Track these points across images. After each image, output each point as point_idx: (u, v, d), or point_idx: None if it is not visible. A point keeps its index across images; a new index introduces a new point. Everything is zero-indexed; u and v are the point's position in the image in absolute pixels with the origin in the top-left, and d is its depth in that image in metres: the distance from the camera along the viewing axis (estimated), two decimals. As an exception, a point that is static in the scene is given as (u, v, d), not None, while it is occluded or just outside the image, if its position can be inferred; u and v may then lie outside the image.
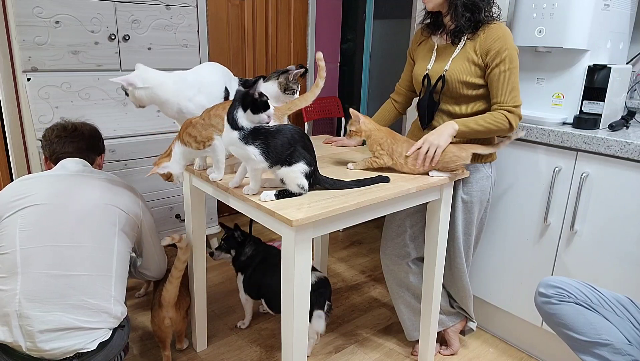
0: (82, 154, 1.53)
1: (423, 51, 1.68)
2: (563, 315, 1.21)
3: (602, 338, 1.16)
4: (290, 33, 3.21)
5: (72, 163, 1.48)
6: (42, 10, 1.91)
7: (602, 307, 1.20)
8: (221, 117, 1.31)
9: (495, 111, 1.51)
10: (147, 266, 1.68)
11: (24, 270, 1.23)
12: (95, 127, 1.65)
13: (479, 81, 1.53)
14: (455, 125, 1.49)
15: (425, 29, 1.68)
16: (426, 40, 1.68)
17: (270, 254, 1.94)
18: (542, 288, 1.26)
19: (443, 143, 1.46)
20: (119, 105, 2.15)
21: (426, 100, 1.60)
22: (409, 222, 1.74)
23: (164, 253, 1.74)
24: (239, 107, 1.19)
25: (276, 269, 1.84)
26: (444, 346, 1.93)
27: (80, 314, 1.25)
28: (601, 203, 1.59)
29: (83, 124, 1.60)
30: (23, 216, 1.28)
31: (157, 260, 1.69)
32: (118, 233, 1.39)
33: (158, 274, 1.73)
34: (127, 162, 2.13)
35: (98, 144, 1.63)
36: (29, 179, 1.37)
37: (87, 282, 1.28)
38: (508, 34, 1.49)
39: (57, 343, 1.22)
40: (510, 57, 1.47)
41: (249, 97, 1.18)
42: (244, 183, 1.32)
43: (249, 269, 1.92)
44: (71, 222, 1.30)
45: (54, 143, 1.51)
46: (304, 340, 1.29)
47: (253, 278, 1.91)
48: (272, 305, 1.88)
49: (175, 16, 2.29)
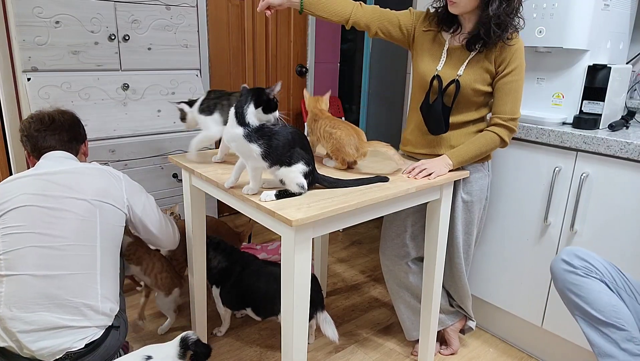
0: (64, 147, 1.48)
1: (429, 44, 1.58)
2: (587, 289, 1.18)
3: (619, 323, 1.14)
4: (290, 33, 3.21)
5: (54, 158, 1.44)
6: (42, 10, 1.91)
7: (624, 292, 1.18)
8: None
9: (486, 132, 1.53)
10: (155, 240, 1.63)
11: (8, 273, 1.23)
12: (73, 113, 1.57)
13: (489, 89, 1.53)
14: (449, 160, 1.52)
15: (435, 19, 1.57)
16: (435, 33, 1.58)
17: (248, 262, 1.88)
18: (567, 256, 1.22)
19: (440, 172, 1.49)
20: (119, 105, 2.15)
21: (440, 104, 1.54)
22: (409, 222, 1.74)
23: (168, 220, 1.68)
24: (251, 103, 1.19)
25: (259, 275, 1.84)
26: (444, 346, 1.93)
27: (65, 313, 1.25)
28: (601, 203, 1.59)
29: (60, 114, 1.53)
30: (6, 221, 1.27)
31: (164, 229, 1.63)
32: (100, 227, 1.35)
33: (171, 243, 1.69)
34: (127, 162, 2.13)
35: (79, 132, 1.56)
36: (9, 181, 1.35)
37: (72, 281, 1.27)
38: (523, 47, 1.48)
39: (43, 342, 1.22)
40: (520, 70, 1.48)
41: (264, 96, 1.18)
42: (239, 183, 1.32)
43: (228, 282, 1.85)
44: (52, 222, 1.29)
45: (34, 137, 1.45)
46: (304, 340, 1.29)
47: (235, 290, 1.85)
48: (260, 310, 1.84)
49: (175, 16, 2.29)
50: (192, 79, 2.41)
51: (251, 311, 1.87)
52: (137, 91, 2.21)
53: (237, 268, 1.86)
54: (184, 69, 2.39)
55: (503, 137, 1.52)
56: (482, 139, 1.53)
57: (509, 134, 1.52)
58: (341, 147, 1.48)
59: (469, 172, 1.60)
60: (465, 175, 1.58)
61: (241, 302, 1.87)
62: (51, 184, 1.34)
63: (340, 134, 1.47)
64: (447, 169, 1.52)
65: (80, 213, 1.33)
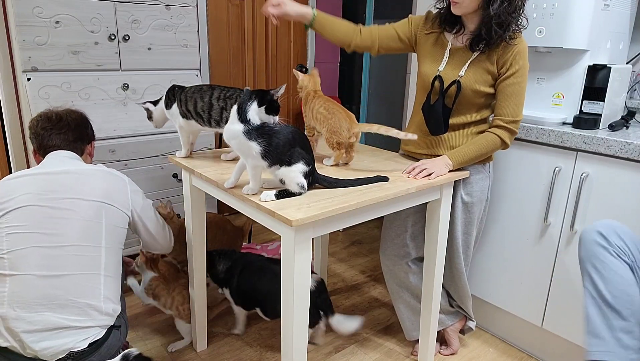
0: (69, 146, 1.48)
1: (432, 46, 1.59)
2: (612, 270, 1.13)
3: (626, 313, 1.10)
4: (290, 33, 3.21)
5: (59, 157, 1.44)
6: (42, 10, 1.91)
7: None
8: None
9: (487, 133, 1.53)
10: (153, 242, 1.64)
11: (12, 273, 1.23)
12: (81, 113, 1.57)
13: (491, 90, 1.52)
14: (449, 161, 1.52)
15: (438, 20, 1.57)
16: (437, 34, 1.59)
17: (250, 261, 1.89)
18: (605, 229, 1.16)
19: (440, 172, 1.49)
20: (119, 105, 2.15)
21: (441, 105, 1.54)
22: (409, 222, 1.74)
23: (165, 224, 1.69)
24: (255, 101, 1.19)
25: (263, 274, 1.84)
26: (444, 346, 1.93)
27: (68, 313, 1.25)
28: (601, 203, 1.59)
29: (68, 113, 1.53)
30: (9, 220, 1.27)
31: (162, 232, 1.64)
32: (105, 228, 1.36)
33: (167, 246, 1.70)
34: (127, 162, 2.13)
35: (86, 132, 1.56)
36: (13, 178, 1.34)
37: (75, 281, 1.27)
38: (526, 48, 1.48)
39: (47, 342, 1.22)
40: (523, 71, 1.47)
41: (268, 96, 1.19)
42: (239, 183, 1.32)
43: (233, 281, 1.87)
44: (56, 222, 1.29)
45: (40, 136, 1.46)
46: (304, 340, 1.29)
47: (241, 288, 1.86)
48: (268, 311, 1.84)
49: (175, 16, 2.29)
50: (192, 79, 2.41)
51: (260, 312, 1.87)
52: (137, 91, 2.21)
53: (237, 268, 1.87)
54: (184, 69, 2.39)
55: (504, 139, 1.52)
56: (482, 140, 1.53)
57: (510, 136, 1.52)
58: (334, 129, 1.52)
59: (470, 173, 1.60)
60: (465, 175, 1.58)
61: (251, 302, 1.88)
62: (56, 185, 1.34)
63: (331, 117, 1.53)
64: (447, 170, 1.52)
65: (85, 214, 1.33)
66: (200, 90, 1.54)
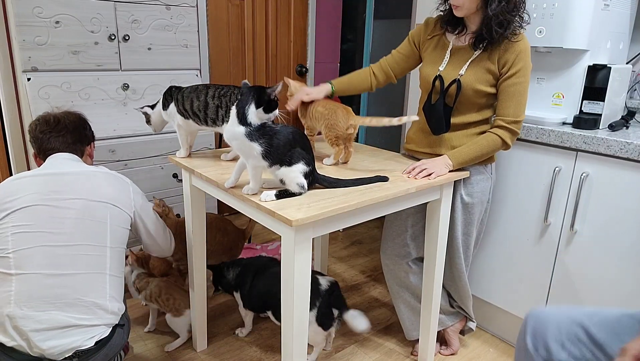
0: (69, 148, 1.49)
1: (434, 49, 1.61)
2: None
3: None
4: (290, 33, 3.21)
5: (59, 159, 1.45)
6: (42, 10, 1.91)
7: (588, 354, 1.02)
8: None
9: (488, 133, 1.53)
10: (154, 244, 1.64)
11: (18, 272, 1.23)
12: (79, 115, 1.57)
13: (492, 90, 1.52)
14: (449, 161, 1.52)
15: (440, 23, 1.60)
16: (439, 36, 1.61)
17: (264, 264, 1.88)
18: (531, 339, 1.08)
19: (440, 172, 1.50)
20: (119, 105, 2.15)
21: (441, 104, 1.54)
22: (410, 222, 1.74)
23: (166, 227, 1.70)
24: (252, 103, 1.19)
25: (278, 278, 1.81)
26: (444, 346, 1.93)
27: (75, 312, 1.25)
28: (601, 203, 1.59)
29: (66, 115, 1.53)
30: (14, 219, 1.27)
31: (162, 234, 1.65)
32: (110, 228, 1.37)
33: (167, 249, 1.70)
34: (127, 162, 2.13)
35: (85, 134, 1.56)
36: (18, 179, 1.35)
37: (81, 280, 1.28)
38: (528, 47, 1.48)
39: (54, 341, 1.22)
40: (525, 71, 1.47)
41: (265, 96, 1.19)
42: (239, 183, 1.32)
43: (246, 285, 1.85)
44: (62, 221, 1.29)
45: (39, 139, 1.47)
46: (304, 340, 1.29)
47: (255, 291, 1.84)
48: (278, 314, 1.81)
49: (175, 16, 2.29)
50: (192, 79, 2.41)
51: (271, 315, 1.84)
52: (137, 91, 2.21)
53: (251, 271, 1.86)
54: (184, 69, 2.39)
55: (505, 139, 1.51)
56: (483, 140, 1.53)
57: (511, 136, 1.52)
58: (331, 123, 1.55)
59: (471, 174, 1.60)
60: (465, 175, 1.58)
61: (263, 305, 1.86)
62: (60, 185, 1.34)
63: (329, 114, 1.57)
64: (447, 170, 1.52)
65: (90, 215, 1.34)
66: (196, 90, 1.55)
